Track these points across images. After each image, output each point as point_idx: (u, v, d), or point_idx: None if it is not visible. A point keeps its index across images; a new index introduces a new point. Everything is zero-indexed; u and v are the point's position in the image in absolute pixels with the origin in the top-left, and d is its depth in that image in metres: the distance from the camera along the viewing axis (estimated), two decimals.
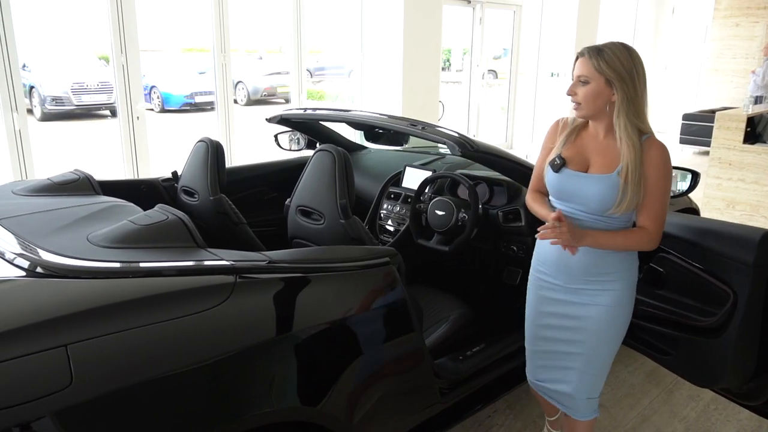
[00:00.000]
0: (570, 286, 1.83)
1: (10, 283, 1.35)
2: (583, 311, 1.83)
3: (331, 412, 1.49)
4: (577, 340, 1.86)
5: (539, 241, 1.85)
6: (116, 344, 1.21)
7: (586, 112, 1.73)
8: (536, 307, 1.94)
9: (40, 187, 2.02)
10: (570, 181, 1.76)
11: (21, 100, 4.45)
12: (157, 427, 1.20)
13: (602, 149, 1.76)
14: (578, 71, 1.71)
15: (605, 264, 1.79)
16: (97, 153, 8.40)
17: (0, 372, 1.08)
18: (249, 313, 1.42)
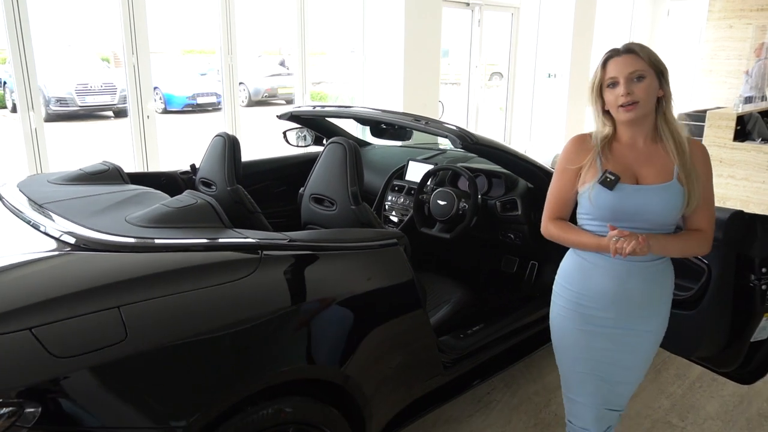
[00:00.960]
0: (624, 317, 1.68)
1: (67, 257, 1.52)
2: (634, 341, 1.71)
3: (348, 374, 1.65)
4: (629, 366, 1.75)
5: (583, 274, 1.69)
6: (161, 307, 1.38)
7: (644, 110, 1.57)
8: (583, 341, 1.73)
9: (74, 177, 2.19)
10: (630, 197, 1.58)
11: (37, 99, 4.62)
12: (196, 377, 1.36)
13: (647, 158, 1.62)
14: (630, 68, 1.56)
15: (661, 286, 1.69)
16: (104, 152, 8.52)
17: (70, 326, 1.25)
18: (273, 284, 1.59)
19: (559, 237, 1.72)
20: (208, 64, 16.46)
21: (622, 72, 1.56)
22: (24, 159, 4.61)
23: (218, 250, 1.61)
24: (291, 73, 16.86)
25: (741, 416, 2.59)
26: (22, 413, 1.15)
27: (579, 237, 1.67)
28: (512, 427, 2.49)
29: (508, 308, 2.66)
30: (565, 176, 1.69)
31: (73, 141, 10.23)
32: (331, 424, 1.63)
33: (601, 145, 1.64)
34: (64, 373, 1.20)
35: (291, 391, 1.56)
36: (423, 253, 2.97)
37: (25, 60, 4.41)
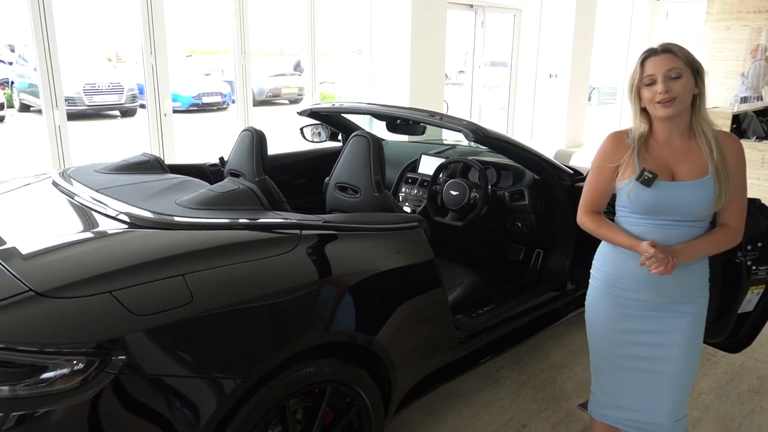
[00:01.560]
0: (658, 301, 1.75)
1: (132, 233, 1.71)
2: (672, 324, 1.76)
3: (379, 341, 1.84)
4: (664, 357, 1.78)
5: (620, 258, 1.77)
6: (219, 276, 1.57)
7: (681, 107, 1.64)
8: (616, 324, 1.81)
9: (118, 167, 2.38)
10: (667, 193, 1.66)
11: (61, 98, 4.81)
12: (251, 336, 1.55)
13: (683, 154, 1.68)
14: (667, 66, 1.61)
15: (695, 274, 1.76)
16: (120, 149, 8.71)
17: (144, 290, 1.45)
18: (312, 258, 1.78)
19: (593, 231, 1.80)
20: (211, 64, 16.68)
21: (659, 70, 1.62)
22: (48, 155, 4.80)
23: (264, 228, 1.81)
24: (295, 73, 16.98)
25: (732, 391, 2.78)
26: (110, 361, 1.34)
27: (614, 235, 1.74)
28: (520, 401, 2.68)
29: (515, 292, 2.86)
30: (603, 173, 1.76)
31: (84, 139, 10.42)
32: (363, 384, 1.82)
33: (638, 142, 1.70)
34: (142, 327, 1.39)
35: (330, 353, 1.76)
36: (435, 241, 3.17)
37: (50, 59, 4.60)
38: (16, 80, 12.93)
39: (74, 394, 1.31)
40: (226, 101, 15.11)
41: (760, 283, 2.14)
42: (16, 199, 2.14)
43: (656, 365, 1.79)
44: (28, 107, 12.54)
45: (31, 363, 1.32)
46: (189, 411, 1.43)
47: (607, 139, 1.79)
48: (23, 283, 1.43)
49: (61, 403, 1.31)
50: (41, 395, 1.31)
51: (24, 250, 1.63)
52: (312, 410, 1.76)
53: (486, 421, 2.52)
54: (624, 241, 1.72)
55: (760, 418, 2.58)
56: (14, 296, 1.40)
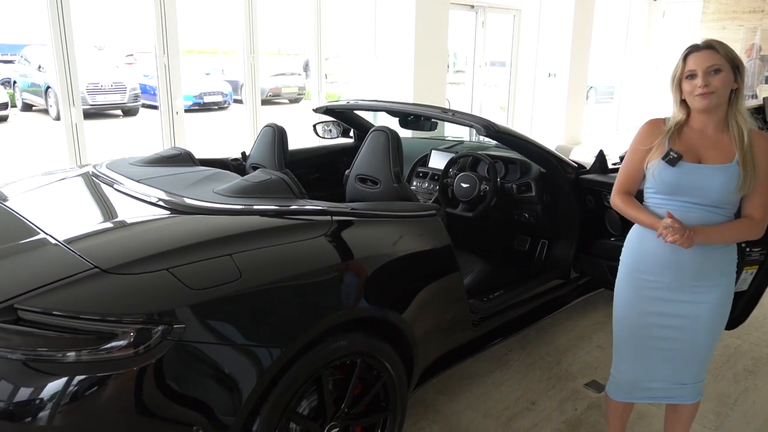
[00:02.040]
0: (678, 285, 1.83)
1: (178, 218, 1.87)
2: (692, 310, 1.84)
3: (405, 318, 2.00)
4: (684, 338, 1.88)
5: (641, 241, 1.88)
6: (263, 255, 1.73)
7: (718, 100, 1.72)
8: (638, 307, 1.91)
9: (152, 160, 2.53)
10: (690, 174, 1.75)
11: (78, 97, 4.95)
12: (292, 310, 1.71)
13: (713, 143, 1.77)
14: (707, 62, 1.71)
15: (714, 262, 1.82)
16: (128, 147, 8.86)
17: (198, 267, 1.60)
18: (343, 241, 1.94)
19: (622, 209, 1.91)
20: (210, 64, 16.80)
21: (700, 66, 1.71)
22: (65, 152, 4.94)
23: (299, 214, 1.96)
24: (295, 73, 17.06)
25: (728, 372, 2.95)
26: (171, 329, 1.49)
27: (638, 213, 1.85)
28: (528, 381, 2.84)
29: (522, 279, 3.02)
30: (636, 155, 1.86)
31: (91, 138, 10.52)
32: (389, 358, 1.97)
33: (670, 129, 1.80)
34: (197, 300, 1.54)
35: (360, 329, 1.91)
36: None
37: (67, 58, 4.74)
38: (19, 80, 13.02)
39: (139, 360, 1.46)
40: (227, 100, 15.23)
41: (754, 264, 2.30)
42: (62, 189, 2.29)
43: (677, 342, 1.89)
44: (30, 107, 12.65)
45: (96, 330, 1.47)
46: (238, 377, 1.58)
47: (644, 125, 1.90)
48: (89, 262, 1.58)
49: (125, 367, 1.46)
50: (106, 360, 1.46)
51: (84, 234, 1.78)
52: (343, 383, 1.91)
53: (497, 399, 2.68)
54: (646, 220, 1.82)
55: (754, 395, 2.75)
56: (81, 273, 1.55)
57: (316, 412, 1.84)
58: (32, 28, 11.36)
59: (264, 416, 1.64)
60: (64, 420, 1.43)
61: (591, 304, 3.57)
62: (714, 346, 1.95)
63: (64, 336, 1.45)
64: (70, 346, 1.46)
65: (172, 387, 1.51)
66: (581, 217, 3.05)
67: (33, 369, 1.45)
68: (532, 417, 2.56)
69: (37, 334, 1.45)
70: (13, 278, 1.56)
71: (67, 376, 1.44)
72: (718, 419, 2.56)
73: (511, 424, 2.50)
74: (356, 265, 1.91)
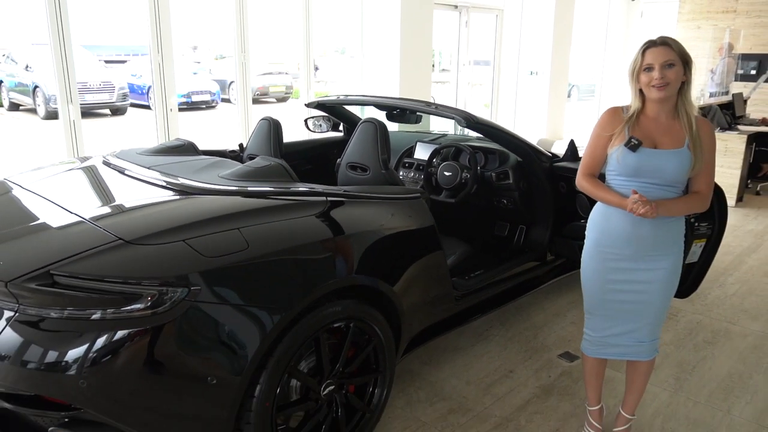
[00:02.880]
0: (637, 255, 2.08)
1: (190, 199, 2.08)
2: (649, 276, 2.10)
3: (395, 290, 2.23)
4: (643, 300, 2.13)
5: (605, 219, 2.11)
6: (266, 229, 1.95)
7: (671, 91, 1.95)
8: (603, 276, 2.15)
9: (158, 150, 2.73)
10: (648, 158, 1.97)
11: (75, 94, 5.11)
12: (293, 277, 1.92)
13: (666, 129, 1.99)
14: (664, 57, 1.92)
15: (668, 234, 2.08)
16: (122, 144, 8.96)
17: (210, 239, 1.81)
18: (339, 219, 2.17)
19: (589, 191, 2.12)
20: (198, 64, 16.91)
21: (657, 60, 1.92)
22: (63, 148, 5.11)
23: (297, 195, 2.18)
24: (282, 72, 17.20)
25: (689, 342, 3.22)
26: (189, 291, 1.70)
27: (605, 194, 2.06)
28: (506, 353, 3.08)
29: (502, 260, 3.26)
30: (599, 141, 2.08)
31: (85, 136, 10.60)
32: (379, 324, 2.19)
33: (630, 117, 2.01)
34: (211, 266, 1.75)
35: (353, 296, 2.13)
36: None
37: (64, 55, 4.91)
38: (5, 79, 13.06)
39: (160, 318, 1.67)
40: (215, 99, 15.36)
41: (702, 237, 2.56)
42: (79, 176, 2.49)
43: (638, 304, 2.14)
44: (17, 106, 12.70)
45: (122, 292, 1.67)
46: (246, 334, 1.79)
47: (605, 113, 2.11)
48: (113, 235, 1.79)
49: (148, 324, 1.67)
50: (131, 318, 1.66)
51: (106, 212, 1.99)
52: (338, 346, 2.13)
53: (478, 368, 2.92)
54: (614, 199, 2.03)
55: (711, 362, 3.01)
56: (108, 243, 1.76)
57: (314, 371, 2.07)
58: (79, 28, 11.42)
59: (269, 370, 1.85)
60: (93, 370, 1.64)
61: (566, 285, 3.83)
62: (666, 308, 2.20)
63: (93, 297, 1.66)
64: (99, 306, 1.66)
65: (189, 342, 1.73)
66: (555, 203, 3.30)
67: (66, 326, 1.66)
68: (509, 383, 2.80)
69: (70, 296, 1.66)
70: (48, 249, 1.77)
71: (96, 332, 1.65)
72: (677, 383, 2.82)
73: (490, 389, 2.74)
74: (348, 240, 2.13)
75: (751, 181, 6.75)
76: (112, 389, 1.68)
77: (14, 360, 1.65)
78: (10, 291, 1.65)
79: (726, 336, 3.30)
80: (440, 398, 2.65)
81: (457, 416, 2.53)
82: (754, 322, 3.48)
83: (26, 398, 1.74)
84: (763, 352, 3.12)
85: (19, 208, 2.17)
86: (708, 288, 3.96)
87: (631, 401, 2.32)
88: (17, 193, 2.28)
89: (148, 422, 1.73)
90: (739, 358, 3.05)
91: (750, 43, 10.12)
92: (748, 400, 2.68)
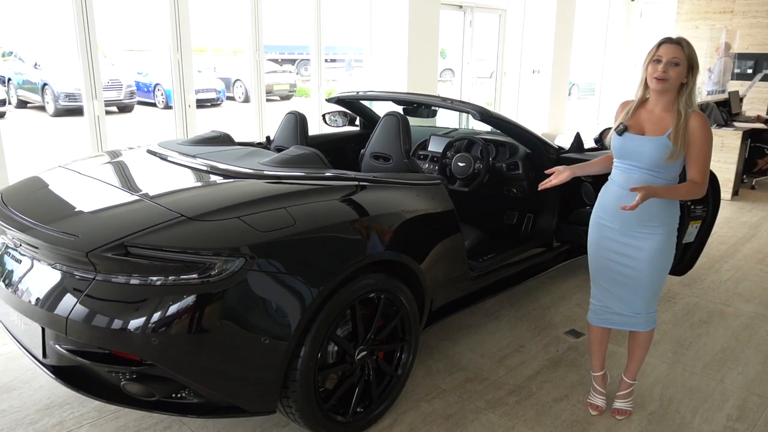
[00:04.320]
0: (625, 230, 2.29)
1: (238, 182, 2.31)
2: (636, 252, 2.30)
3: (422, 268, 2.46)
4: (633, 274, 2.33)
5: (603, 193, 2.38)
6: (309, 209, 2.18)
7: (669, 87, 2.13)
8: (599, 244, 2.40)
9: (196, 140, 2.96)
10: (629, 142, 2.22)
11: (100, 91, 5.33)
12: (334, 252, 2.15)
13: (655, 120, 2.21)
14: (671, 54, 2.11)
15: (655, 213, 2.24)
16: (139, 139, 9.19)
17: (261, 216, 2.05)
18: (371, 201, 2.40)
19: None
20: (201, 62, 17.13)
21: (666, 55, 2.13)
22: (88, 142, 5.33)
23: (332, 179, 2.41)
24: (286, 70, 17.44)
25: (686, 322, 3.46)
26: (246, 260, 1.93)
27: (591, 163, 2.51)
28: (517, 330, 3.31)
29: (512, 245, 3.49)
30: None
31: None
32: (406, 296, 2.43)
33: (632, 107, 2.26)
34: (264, 239, 1.98)
35: (383, 271, 2.36)
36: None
37: (90, 53, 5.13)
38: (13, 77, 13.26)
39: (221, 285, 1.90)
40: (221, 97, 15.57)
41: (697, 219, 2.80)
42: (127, 164, 2.71)
43: (629, 277, 2.35)
44: (25, 103, 12.91)
45: (187, 261, 1.90)
46: (294, 301, 2.02)
47: (620, 105, 2.39)
48: (176, 212, 2.02)
49: (209, 290, 1.90)
50: (193, 284, 1.89)
51: (166, 193, 2.23)
52: (370, 317, 2.36)
53: (491, 343, 3.15)
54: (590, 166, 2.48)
55: (706, 339, 3.25)
56: (171, 220, 1.99)
57: (349, 338, 2.30)
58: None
59: (312, 333, 2.08)
60: (163, 329, 1.87)
61: (572, 270, 4.07)
62: (660, 284, 2.38)
63: (161, 266, 1.89)
64: (166, 274, 1.90)
65: (245, 306, 1.95)
66: (561, 192, 3.53)
67: (137, 291, 1.89)
68: (521, 356, 3.03)
69: (141, 264, 1.89)
70: (120, 224, 2.00)
71: (164, 297, 1.88)
72: (675, 356, 3.06)
73: (503, 361, 2.98)
74: (378, 219, 2.36)
75: (747, 176, 7.00)
76: (178, 347, 1.90)
77: (93, 321, 1.88)
78: (90, 260, 1.88)
79: (720, 316, 3.54)
80: (458, 369, 2.89)
81: (474, 384, 2.76)
82: (746, 304, 3.72)
83: (102, 355, 1.97)
84: (754, 330, 3.36)
85: (83, 190, 2.41)
86: (704, 273, 4.20)
87: (632, 368, 2.56)
88: (78, 178, 2.51)
89: (208, 378, 1.96)
90: (732, 336, 3.29)
91: (747, 42, 10.37)
92: (739, 371, 2.92)
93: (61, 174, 2.59)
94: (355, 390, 2.34)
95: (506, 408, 2.59)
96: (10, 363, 2.82)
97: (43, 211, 2.21)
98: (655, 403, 2.64)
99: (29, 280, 2.09)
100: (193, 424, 2.41)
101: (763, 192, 6.85)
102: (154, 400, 2.02)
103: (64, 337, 1.97)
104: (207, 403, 2.04)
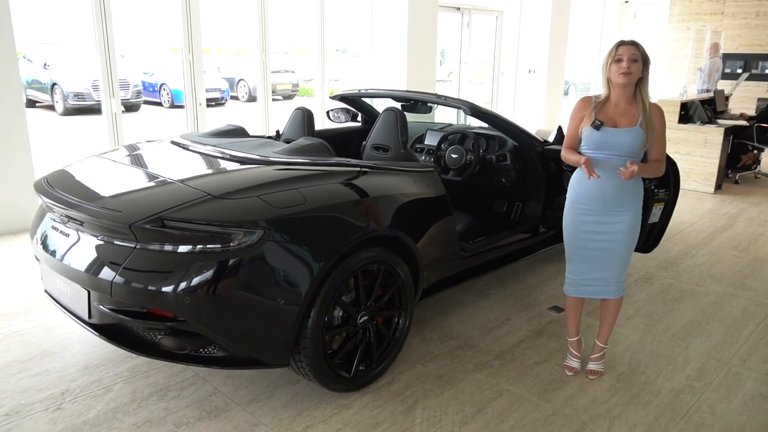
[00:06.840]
0: (604, 210, 2.64)
1: (255, 167, 2.64)
2: (613, 227, 2.65)
3: (418, 247, 2.79)
4: (609, 247, 2.67)
5: (579, 182, 2.68)
6: (317, 190, 2.51)
7: (632, 80, 2.49)
8: (577, 228, 2.71)
9: (215, 133, 3.29)
10: (608, 135, 2.54)
11: (117, 89, 5.67)
12: (339, 227, 2.48)
13: (623, 113, 2.55)
14: (630, 52, 2.47)
15: (628, 194, 2.62)
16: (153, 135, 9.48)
17: (277, 195, 2.38)
18: (371, 184, 2.73)
19: (565, 157, 2.71)
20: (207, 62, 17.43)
21: (626, 54, 2.49)
22: (105, 138, 5.66)
23: (338, 165, 2.75)
24: (288, 70, 17.75)
25: (660, 300, 3.78)
26: (264, 232, 2.26)
27: (571, 156, 2.66)
28: (505, 306, 3.64)
29: (500, 230, 3.82)
30: (575, 122, 2.66)
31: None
32: (403, 269, 2.75)
33: (598, 104, 2.58)
34: (280, 215, 2.32)
35: (382, 245, 2.69)
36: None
37: (108, 53, 5.46)
38: (22, 77, 13.58)
39: (244, 253, 2.23)
40: (225, 97, 15.89)
41: (661, 201, 3.13)
42: (154, 153, 3.04)
43: (605, 251, 2.70)
44: (34, 103, 13.25)
45: (214, 232, 2.23)
46: (305, 267, 2.35)
47: (579, 101, 2.71)
48: (203, 192, 2.35)
49: (235, 258, 2.22)
50: (221, 251, 2.22)
51: (193, 176, 2.56)
52: (370, 287, 2.69)
53: (480, 317, 3.48)
54: (573, 158, 2.65)
55: (676, 314, 3.58)
56: (200, 198, 2.32)
57: (352, 304, 2.63)
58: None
59: (321, 297, 2.41)
60: (195, 290, 2.20)
61: (556, 256, 4.39)
62: (629, 256, 2.75)
63: (194, 236, 2.22)
64: (199, 243, 2.22)
65: (264, 272, 2.28)
66: (546, 181, 3.86)
67: (173, 257, 2.22)
68: (507, 328, 3.36)
69: (176, 235, 2.22)
70: (157, 201, 2.33)
71: (195, 262, 2.21)
72: (646, 328, 3.38)
73: (491, 332, 3.31)
74: (377, 200, 2.70)
75: (732, 171, 7.32)
76: (207, 305, 2.23)
77: (134, 282, 2.22)
78: (132, 231, 2.22)
79: (692, 295, 3.86)
80: (450, 338, 3.22)
81: (464, 350, 3.09)
82: (717, 285, 4.05)
83: (141, 313, 2.30)
84: (721, 307, 3.69)
85: (119, 174, 2.74)
86: (681, 258, 4.53)
87: (603, 333, 2.89)
88: (112, 165, 2.85)
89: (232, 333, 2.29)
90: (700, 311, 3.62)
91: (736, 43, 10.70)
92: (703, 340, 3.25)
93: (96, 161, 2.92)
94: (358, 350, 2.66)
95: (492, 369, 2.92)
96: (49, 332, 3.16)
97: (87, 191, 2.54)
98: (624, 366, 2.97)
99: (76, 250, 2.42)
100: (215, 380, 2.74)
101: (746, 186, 7.17)
102: (185, 353, 2.35)
103: (108, 298, 2.30)
104: (230, 356, 2.37)
